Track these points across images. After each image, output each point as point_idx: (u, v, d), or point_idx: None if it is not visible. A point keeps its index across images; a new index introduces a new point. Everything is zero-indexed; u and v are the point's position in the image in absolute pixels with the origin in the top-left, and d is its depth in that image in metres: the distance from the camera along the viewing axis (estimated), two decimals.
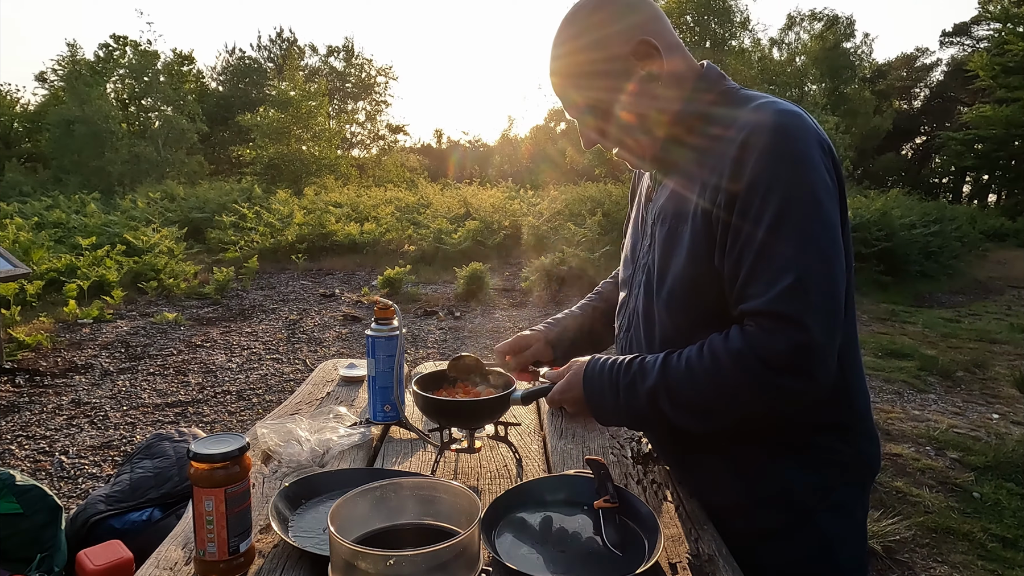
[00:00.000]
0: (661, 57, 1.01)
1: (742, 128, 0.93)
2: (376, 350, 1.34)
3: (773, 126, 0.91)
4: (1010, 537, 2.76)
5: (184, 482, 2.24)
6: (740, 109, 0.97)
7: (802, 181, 0.89)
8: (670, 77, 1.02)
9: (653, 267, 1.08)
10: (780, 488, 1.04)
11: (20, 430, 3.71)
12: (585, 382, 1.05)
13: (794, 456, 1.03)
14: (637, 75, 1.01)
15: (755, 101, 0.97)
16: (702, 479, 1.11)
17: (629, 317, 1.17)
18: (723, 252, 0.94)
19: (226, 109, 28.84)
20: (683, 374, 0.95)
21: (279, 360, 5.23)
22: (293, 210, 12.44)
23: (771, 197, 0.88)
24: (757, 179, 0.89)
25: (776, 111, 0.92)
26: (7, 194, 15.16)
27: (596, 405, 1.04)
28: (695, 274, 0.99)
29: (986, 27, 26.15)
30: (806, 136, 0.91)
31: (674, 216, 1.04)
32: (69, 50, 23.89)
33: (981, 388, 4.85)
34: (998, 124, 20.56)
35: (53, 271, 7.15)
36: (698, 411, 0.95)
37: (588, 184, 15.64)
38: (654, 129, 1.05)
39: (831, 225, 0.90)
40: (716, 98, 1.02)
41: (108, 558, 1.79)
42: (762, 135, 0.90)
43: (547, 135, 32.83)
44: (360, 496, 0.75)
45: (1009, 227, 16.91)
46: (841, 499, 1.05)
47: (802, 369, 0.87)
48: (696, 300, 1.01)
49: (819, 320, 0.86)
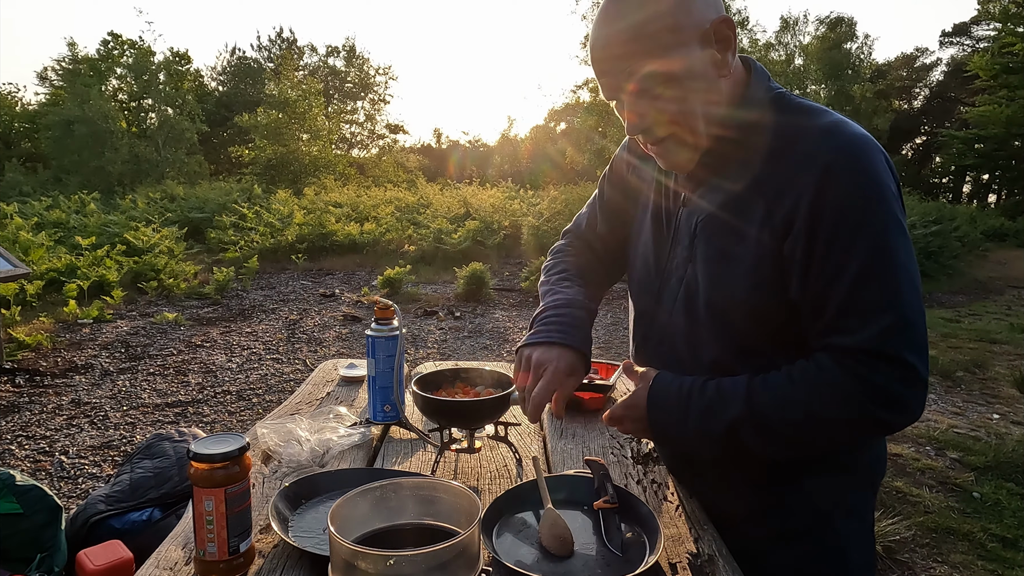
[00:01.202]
0: (735, 44, 0.93)
1: (819, 149, 0.88)
2: (376, 350, 1.34)
3: (856, 152, 0.87)
4: (1010, 537, 2.76)
5: (184, 482, 2.24)
6: (806, 122, 0.91)
7: (890, 211, 0.87)
8: (735, 70, 0.96)
9: (696, 284, 1.01)
10: (797, 493, 1.02)
11: (20, 430, 3.71)
12: (651, 400, 1.00)
13: (816, 463, 1.02)
14: (710, 55, 0.92)
15: (822, 116, 0.91)
16: (716, 483, 1.09)
17: (661, 330, 1.10)
18: (801, 282, 0.90)
19: (226, 109, 28.84)
20: (772, 405, 0.91)
21: (279, 360, 5.23)
22: (293, 210, 12.45)
23: (864, 229, 0.86)
24: (846, 209, 0.86)
25: (854, 135, 0.88)
26: (7, 194, 15.16)
27: (660, 425, 1.00)
28: (758, 303, 0.94)
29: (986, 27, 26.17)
30: (883, 164, 0.88)
31: (725, 231, 0.97)
32: (69, 49, 23.92)
33: (981, 388, 4.85)
34: (998, 124, 20.56)
35: (53, 271, 7.15)
36: (784, 442, 0.93)
37: (588, 184, 15.63)
38: (710, 124, 0.95)
39: (913, 255, 0.89)
40: (773, 103, 0.95)
41: (108, 558, 1.80)
42: (847, 162, 0.86)
43: (547, 135, 32.85)
44: (360, 496, 0.75)
45: (1009, 227, 16.90)
46: (855, 503, 1.04)
47: (903, 402, 0.87)
48: (754, 327, 0.96)
49: (919, 356, 0.86)
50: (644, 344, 1.15)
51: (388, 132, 34.16)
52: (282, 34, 36.03)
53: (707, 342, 1.01)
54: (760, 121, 0.94)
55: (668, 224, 1.09)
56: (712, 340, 1.00)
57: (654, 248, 1.12)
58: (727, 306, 0.97)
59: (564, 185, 16.73)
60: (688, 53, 0.91)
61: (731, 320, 0.97)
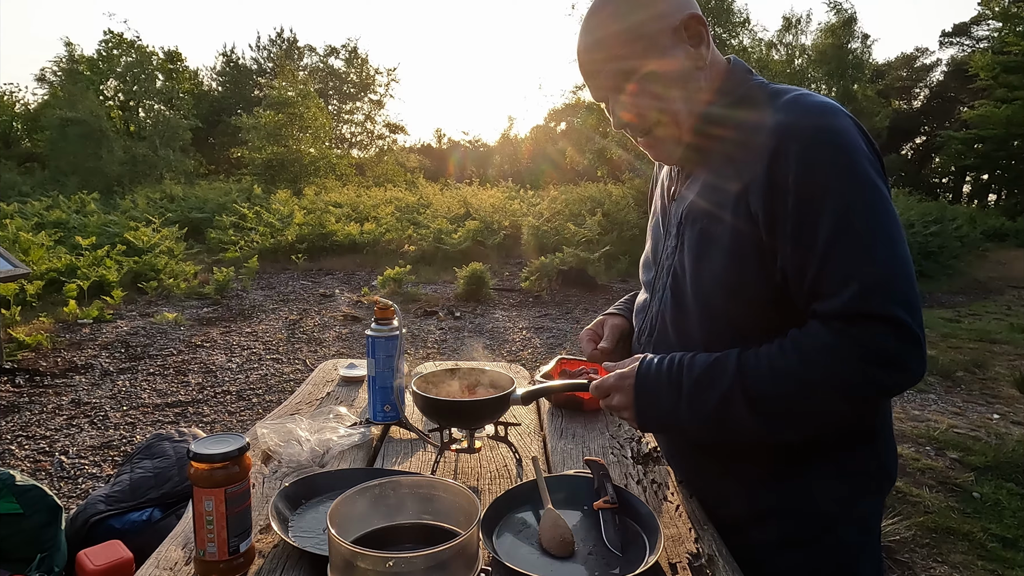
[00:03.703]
0: (707, 39, 0.97)
1: (778, 122, 0.90)
2: (376, 350, 1.34)
3: (814, 116, 0.88)
4: (1010, 537, 2.76)
5: (184, 482, 2.24)
6: (773, 102, 0.94)
7: (854, 167, 0.86)
8: (709, 65, 0.99)
9: (682, 270, 1.03)
10: (805, 499, 1.01)
11: (20, 430, 3.71)
12: (639, 379, 0.98)
13: (821, 466, 1.00)
14: (684, 51, 0.97)
15: (787, 93, 0.94)
16: (722, 487, 1.08)
17: (652, 321, 1.12)
18: (781, 254, 0.90)
19: (225, 110, 28.83)
20: (764, 374, 0.89)
21: (279, 360, 5.23)
22: (293, 210, 12.46)
23: (829, 191, 0.86)
24: (808, 172, 0.86)
25: (812, 103, 0.90)
26: (6, 194, 15.15)
27: (646, 404, 0.97)
28: (736, 279, 0.94)
29: (986, 27, 26.17)
30: (847, 124, 0.88)
31: (706, 216, 0.99)
32: (66, 49, 23.91)
33: (981, 388, 4.85)
34: (998, 124, 20.54)
35: (53, 271, 7.15)
36: (779, 415, 0.90)
37: (588, 184, 15.63)
38: (692, 117, 0.99)
39: (891, 210, 0.88)
40: (749, 93, 0.99)
41: (108, 558, 1.80)
42: (804, 128, 0.88)
43: (547, 135, 32.84)
44: (359, 494, 0.75)
45: (1009, 227, 16.89)
46: (864, 510, 1.03)
47: (899, 361, 0.84)
48: (734, 305, 0.96)
49: (908, 310, 0.84)
50: (639, 336, 1.17)
51: (388, 132, 34.17)
52: (282, 34, 36.01)
53: (695, 329, 1.02)
54: (736, 111, 0.98)
55: (664, 218, 1.13)
56: (699, 326, 1.01)
57: (653, 244, 1.17)
58: (710, 289, 0.98)
59: (564, 185, 16.76)
60: (681, 51, 0.97)
61: (716, 303, 0.98)
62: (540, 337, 6.13)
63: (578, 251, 8.75)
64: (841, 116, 0.89)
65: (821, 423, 0.93)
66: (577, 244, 9.33)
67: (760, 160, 0.90)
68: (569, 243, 9.42)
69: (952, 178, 30.58)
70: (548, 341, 5.93)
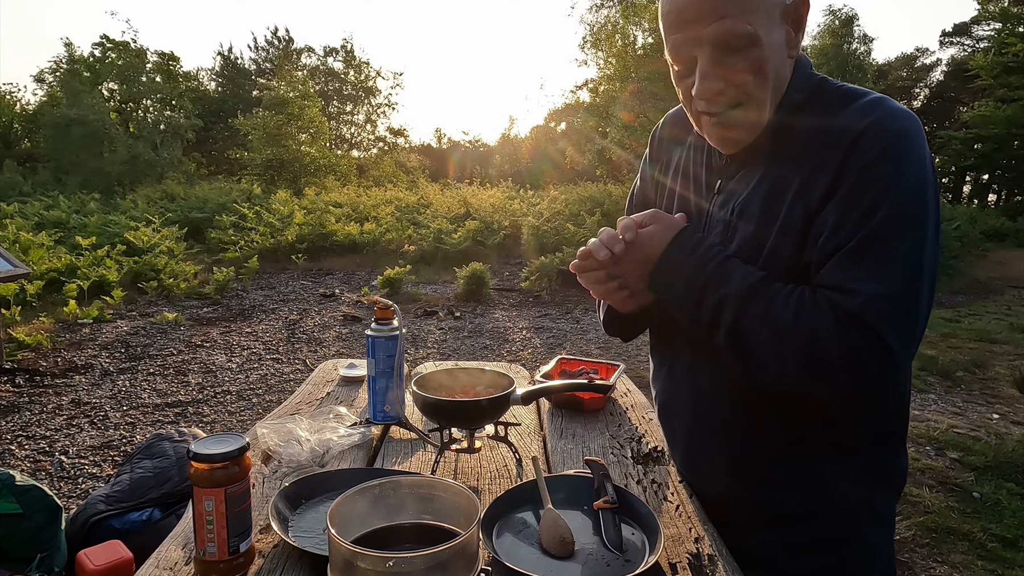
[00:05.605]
0: (804, 24, 0.93)
1: (856, 123, 0.88)
2: (376, 350, 1.34)
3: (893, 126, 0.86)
4: (1010, 537, 2.76)
5: (184, 482, 2.24)
6: (847, 101, 0.91)
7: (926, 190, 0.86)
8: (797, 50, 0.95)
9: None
10: (827, 498, 1.00)
11: (20, 430, 3.71)
12: (679, 235, 0.98)
13: (845, 466, 0.99)
14: (786, 33, 0.92)
15: (864, 95, 0.91)
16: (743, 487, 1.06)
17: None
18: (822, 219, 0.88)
19: (225, 110, 28.84)
20: (763, 294, 0.89)
21: (279, 360, 5.23)
22: (293, 210, 12.47)
23: (894, 198, 0.84)
24: (884, 173, 0.85)
25: (894, 109, 0.88)
26: (6, 194, 15.16)
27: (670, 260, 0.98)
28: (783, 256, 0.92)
29: (986, 27, 26.15)
30: (920, 146, 0.87)
31: (762, 210, 0.95)
32: (66, 49, 23.91)
33: (981, 388, 4.85)
34: (998, 124, 20.53)
35: (53, 271, 7.15)
36: (759, 339, 0.89)
37: (588, 184, 15.66)
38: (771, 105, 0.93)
39: (937, 247, 0.87)
40: (817, 87, 0.96)
41: (108, 558, 1.80)
42: (881, 133, 0.86)
43: (547, 135, 32.84)
44: (359, 494, 0.75)
45: (1009, 227, 16.87)
46: (882, 509, 1.03)
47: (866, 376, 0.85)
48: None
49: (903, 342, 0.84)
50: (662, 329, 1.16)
51: (389, 135, 34.17)
52: (277, 33, 36.00)
53: None
54: (805, 105, 0.95)
55: (699, 216, 1.06)
56: None
57: None
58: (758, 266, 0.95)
59: (564, 185, 16.77)
60: (783, 33, 0.91)
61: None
62: (540, 337, 6.14)
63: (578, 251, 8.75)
64: (921, 128, 0.88)
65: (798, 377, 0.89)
66: (577, 244, 9.32)
67: (833, 155, 0.88)
68: (569, 243, 9.43)
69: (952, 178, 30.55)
70: (548, 341, 5.93)
